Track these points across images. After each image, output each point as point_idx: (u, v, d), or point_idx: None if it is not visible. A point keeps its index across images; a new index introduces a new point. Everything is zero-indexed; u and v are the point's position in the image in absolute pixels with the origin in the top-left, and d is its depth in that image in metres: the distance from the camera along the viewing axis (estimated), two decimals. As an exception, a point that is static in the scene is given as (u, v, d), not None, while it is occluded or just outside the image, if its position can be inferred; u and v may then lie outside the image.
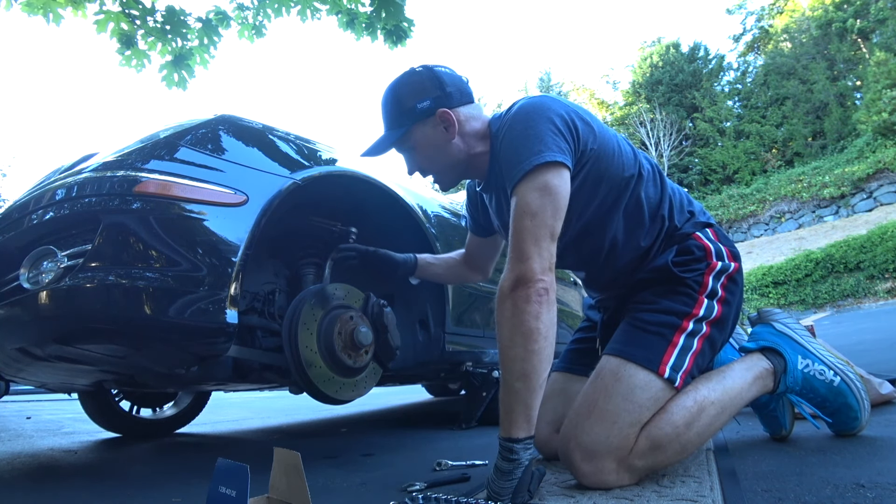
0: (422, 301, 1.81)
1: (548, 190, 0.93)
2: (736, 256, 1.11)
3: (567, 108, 1.02)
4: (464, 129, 1.11)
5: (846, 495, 0.78)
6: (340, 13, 3.50)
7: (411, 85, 1.12)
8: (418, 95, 1.10)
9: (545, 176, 0.94)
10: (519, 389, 0.89)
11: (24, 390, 5.36)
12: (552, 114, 0.99)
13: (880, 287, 11.21)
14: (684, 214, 1.13)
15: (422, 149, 1.13)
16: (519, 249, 0.93)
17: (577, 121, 1.02)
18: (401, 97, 1.12)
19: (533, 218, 0.93)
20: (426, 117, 1.10)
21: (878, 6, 20.66)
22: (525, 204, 0.94)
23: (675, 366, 0.97)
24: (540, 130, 0.97)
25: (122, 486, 1.27)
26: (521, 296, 0.90)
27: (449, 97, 1.11)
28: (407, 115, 1.11)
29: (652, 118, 25.12)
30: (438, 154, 1.12)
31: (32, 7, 3.10)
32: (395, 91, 1.13)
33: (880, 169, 15.97)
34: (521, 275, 0.91)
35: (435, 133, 1.11)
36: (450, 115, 1.09)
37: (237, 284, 1.16)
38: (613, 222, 1.08)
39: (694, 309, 1.03)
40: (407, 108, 1.10)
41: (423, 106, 1.09)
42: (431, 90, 1.10)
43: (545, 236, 0.93)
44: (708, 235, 1.11)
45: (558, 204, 0.94)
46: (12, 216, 1.26)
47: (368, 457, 1.53)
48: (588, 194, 1.05)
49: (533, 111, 1.00)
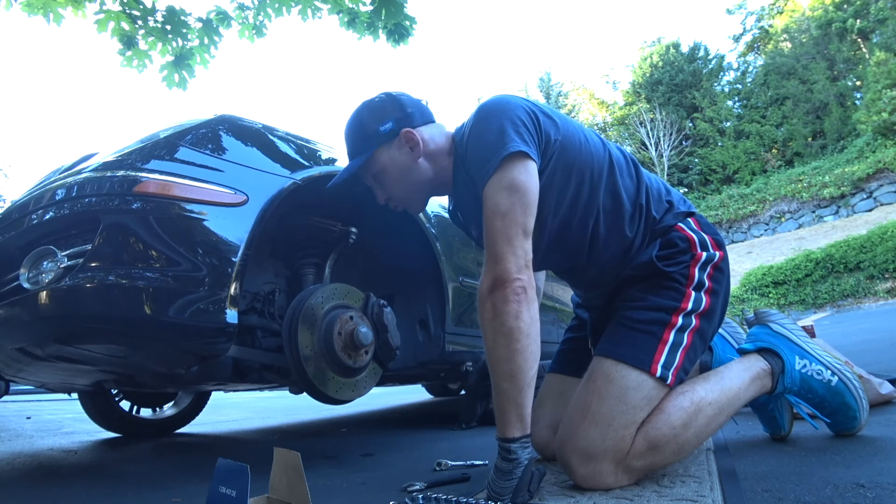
0: (422, 301, 1.82)
1: (515, 188, 0.94)
2: (720, 244, 1.10)
3: (527, 103, 1.03)
4: (428, 147, 1.11)
5: (846, 495, 0.78)
6: (341, 12, 3.50)
7: (372, 110, 1.12)
8: (380, 119, 1.11)
9: (511, 173, 0.94)
10: (507, 390, 0.89)
11: (24, 390, 5.36)
12: (511, 108, 1.00)
13: (880, 287, 11.20)
14: (662, 204, 1.12)
15: (388, 172, 1.12)
16: (493, 251, 0.93)
17: (538, 113, 1.02)
18: (363, 123, 1.12)
19: (503, 218, 0.93)
20: (390, 139, 1.10)
21: (878, 6, 20.66)
22: (494, 205, 0.94)
23: (667, 363, 0.97)
24: (501, 125, 0.97)
25: (122, 486, 1.27)
26: (500, 297, 0.90)
27: (410, 117, 1.11)
28: (370, 139, 1.10)
29: (652, 118, 25.12)
30: (406, 175, 1.12)
31: (32, 7, 3.10)
32: (357, 118, 1.13)
33: (880, 169, 15.96)
34: (498, 276, 0.91)
35: (400, 154, 1.11)
36: (413, 134, 1.10)
37: (237, 284, 1.16)
38: (592, 215, 1.07)
39: (682, 303, 1.02)
40: (370, 132, 1.10)
41: (385, 128, 1.10)
42: (392, 112, 1.11)
43: (517, 234, 0.93)
44: (690, 225, 1.10)
45: (527, 200, 0.94)
46: (12, 216, 1.26)
47: (368, 457, 1.53)
48: (559, 188, 1.04)
49: (493, 109, 1.01)
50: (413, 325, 1.83)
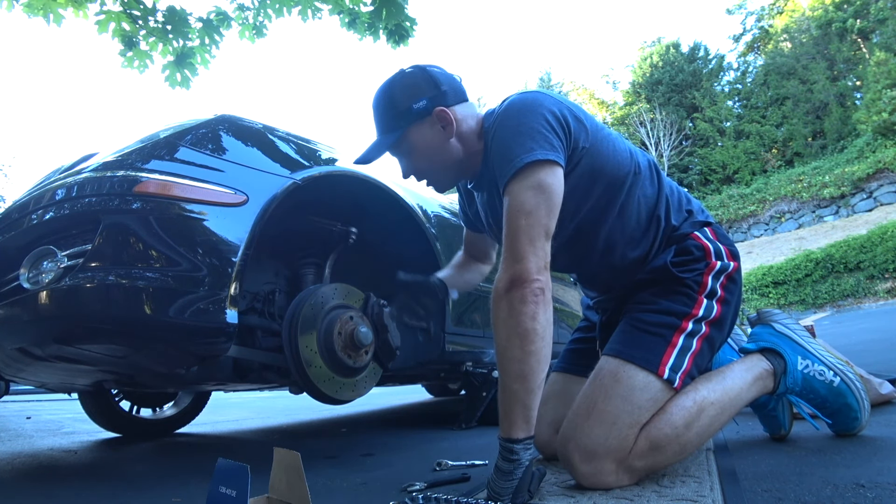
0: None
1: (542, 188, 0.92)
2: (735, 255, 1.10)
3: (559, 105, 1.01)
4: (461, 127, 1.08)
5: (846, 495, 0.78)
6: (342, 13, 3.50)
7: (405, 86, 1.07)
8: (413, 96, 1.06)
9: (539, 174, 0.93)
10: (517, 390, 0.89)
11: (24, 390, 5.36)
12: (543, 110, 0.98)
13: (880, 287, 11.20)
14: (682, 213, 1.12)
15: (419, 151, 1.08)
16: (514, 249, 0.92)
17: (569, 117, 1.00)
18: (395, 99, 1.07)
19: (528, 217, 0.92)
20: (423, 118, 1.06)
21: (878, 6, 20.65)
22: (519, 203, 0.92)
23: (675, 366, 0.97)
24: (531, 127, 0.95)
25: (122, 486, 1.27)
26: (517, 296, 0.89)
27: (444, 96, 1.07)
28: (402, 116, 1.06)
29: (652, 118, 25.11)
30: (436, 155, 1.09)
31: (33, 8, 3.10)
32: (388, 93, 1.08)
33: (880, 169, 15.96)
34: (517, 275, 0.90)
35: (432, 133, 1.07)
36: (447, 113, 1.06)
37: (237, 284, 1.16)
38: (607, 223, 1.07)
39: (693, 309, 1.02)
40: (402, 109, 1.06)
41: (419, 106, 1.06)
42: (426, 90, 1.06)
43: (540, 235, 0.92)
44: (707, 235, 1.10)
45: (552, 202, 0.93)
46: (12, 216, 1.26)
47: (368, 457, 1.53)
48: (583, 193, 1.04)
49: (524, 107, 0.99)
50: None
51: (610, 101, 30.98)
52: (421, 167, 1.11)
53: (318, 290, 1.39)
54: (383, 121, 1.09)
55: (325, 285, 1.42)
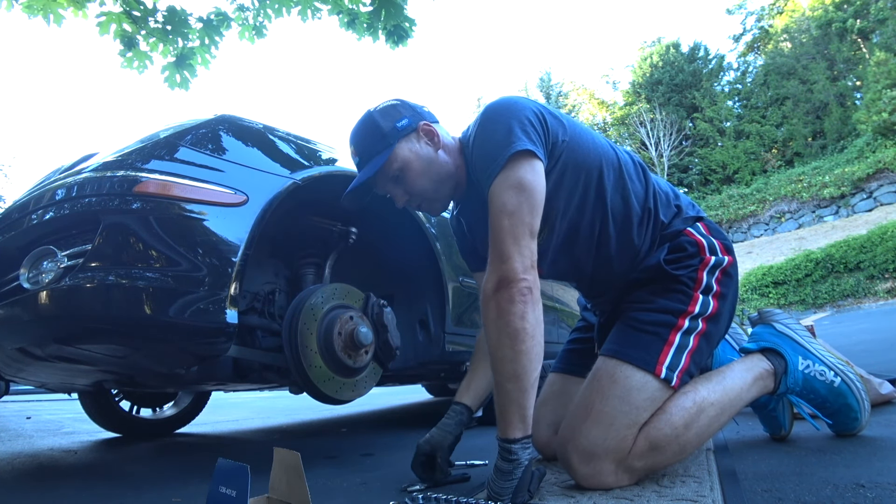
0: (422, 301, 1.81)
1: (522, 187, 0.93)
2: (729, 249, 1.10)
3: (535, 104, 1.03)
4: (443, 141, 1.11)
5: (846, 495, 0.78)
6: (341, 13, 3.50)
7: (383, 112, 1.10)
8: (395, 117, 1.08)
9: (518, 172, 0.93)
10: (511, 390, 0.89)
11: (24, 390, 5.37)
12: (519, 109, 0.99)
13: (880, 287, 11.20)
14: (671, 209, 1.12)
15: (412, 167, 1.07)
16: (499, 250, 0.92)
17: (546, 114, 1.02)
18: (376, 123, 1.08)
19: (510, 217, 0.92)
20: (408, 134, 1.08)
21: (878, 6, 20.65)
22: (501, 204, 0.93)
23: (672, 365, 0.97)
24: (509, 124, 0.96)
25: (122, 486, 1.27)
26: (505, 297, 0.89)
27: (423, 115, 1.11)
28: (389, 135, 1.06)
29: (652, 118, 25.11)
30: (430, 168, 1.08)
31: (33, 8, 3.10)
32: (368, 121, 1.09)
33: (880, 169, 15.96)
34: (503, 275, 0.90)
35: (421, 147, 1.08)
36: (431, 126, 1.09)
37: (237, 284, 1.16)
38: (601, 218, 1.07)
39: (689, 306, 1.02)
40: (387, 129, 1.07)
41: (402, 124, 1.08)
42: (405, 112, 1.10)
43: (524, 234, 0.92)
44: (699, 230, 1.10)
45: (535, 200, 0.94)
46: (12, 216, 1.26)
47: (368, 457, 1.53)
48: (568, 189, 1.04)
49: (500, 108, 1.00)
50: (413, 325, 1.83)
51: (610, 102, 30.98)
52: (416, 187, 1.10)
53: (319, 290, 1.39)
54: (369, 146, 1.08)
55: (325, 285, 1.42)
